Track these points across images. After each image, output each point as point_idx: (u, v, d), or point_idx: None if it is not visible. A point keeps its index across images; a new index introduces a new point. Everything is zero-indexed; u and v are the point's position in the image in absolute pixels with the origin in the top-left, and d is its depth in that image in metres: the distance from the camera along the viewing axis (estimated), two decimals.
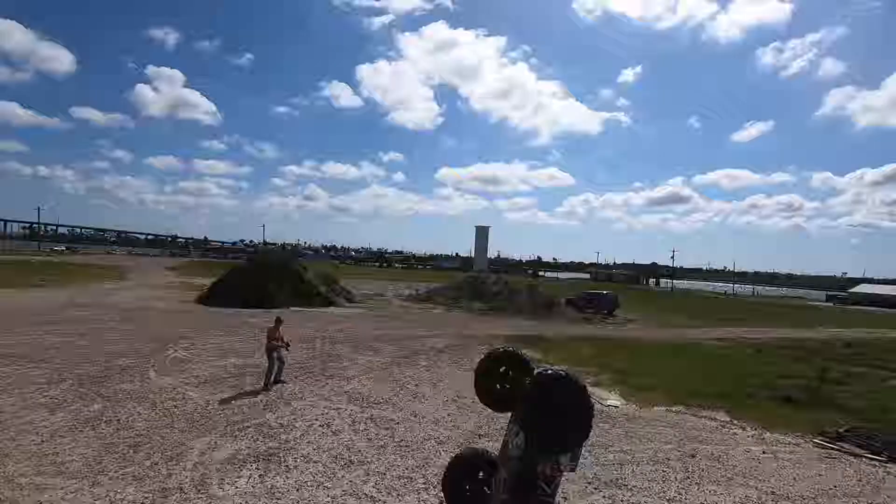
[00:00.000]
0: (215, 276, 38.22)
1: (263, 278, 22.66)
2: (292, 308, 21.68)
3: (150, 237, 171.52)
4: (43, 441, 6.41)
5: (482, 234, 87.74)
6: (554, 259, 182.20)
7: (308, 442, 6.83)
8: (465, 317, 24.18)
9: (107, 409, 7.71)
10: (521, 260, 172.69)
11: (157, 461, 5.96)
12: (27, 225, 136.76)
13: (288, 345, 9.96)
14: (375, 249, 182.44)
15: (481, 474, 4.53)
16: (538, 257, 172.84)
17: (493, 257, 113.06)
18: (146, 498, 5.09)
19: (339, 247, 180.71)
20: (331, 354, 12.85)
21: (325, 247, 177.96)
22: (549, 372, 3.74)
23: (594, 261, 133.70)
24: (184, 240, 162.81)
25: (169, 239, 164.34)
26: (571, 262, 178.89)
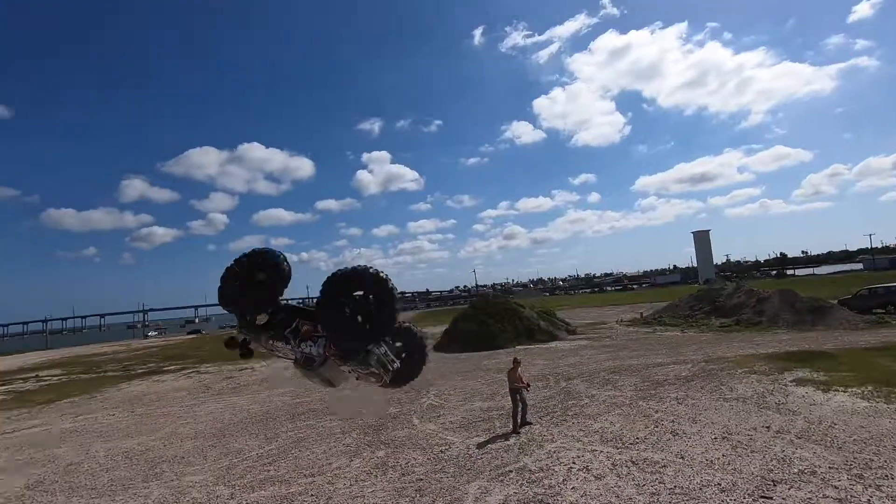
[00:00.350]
0: (443, 323, 42.07)
1: (486, 321, 23.94)
2: (517, 347, 22.30)
3: None
4: (352, 485, 7.67)
5: (702, 239, 78.33)
6: (804, 252, 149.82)
7: (573, 488, 6.69)
8: (704, 337, 21.40)
9: (390, 456, 8.88)
10: (757, 261, 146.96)
11: None
12: (300, 300, 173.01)
13: (528, 385, 10.16)
14: (583, 276, 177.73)
15: None
16: (781, 254, 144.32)
17: (719, 263, 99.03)
18: None
19: (546, 278, 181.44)
20: (568, 392, 12.64)
21: (532, 281, 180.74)
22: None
23: (864, 245, 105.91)
24: (410, 294, 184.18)
25: None
26: (829, 252, 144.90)
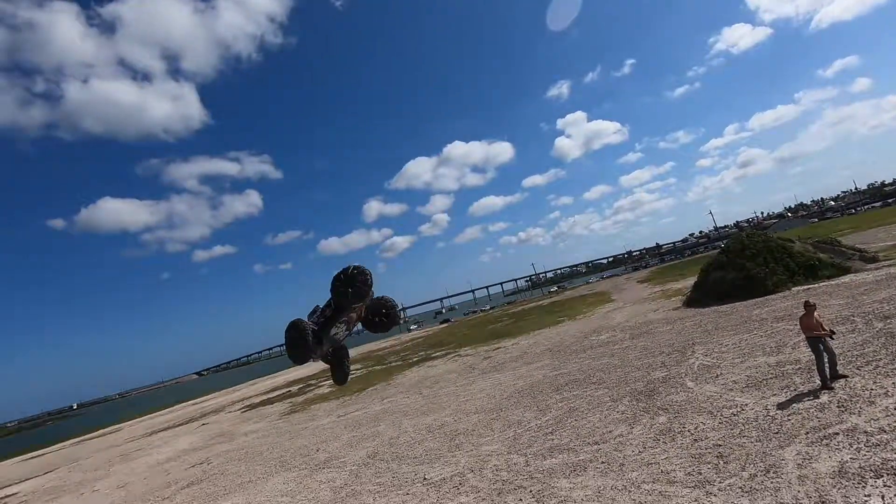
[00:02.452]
0: (685, 277, 38.17)
1: (745, 265, 20.72)
2: (794, 289, 18.74)
3: (609, 259, 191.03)
4: (641, 451, 7.55)
5: None
6: None
7: None
8: None
9: (673, 422, 8.44)
10: None
11: (754, 473, 5.92)
12: (528, 278, 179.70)
13: (832, 333, 8.39)
14: (865, 187, 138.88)
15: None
16: None
17: None
18: None
19: (808, 202, 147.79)
20: (891, 334, 10.01)
21: (789, 208, 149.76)
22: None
23: None
24: (638, 252, 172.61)
25: (625, 255, 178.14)
26: None
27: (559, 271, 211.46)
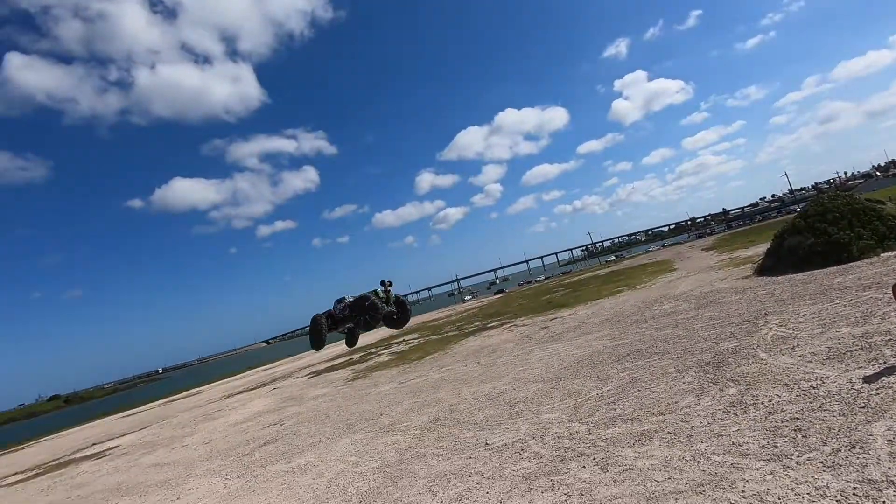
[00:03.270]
0: (755, 243, 35.95)
1: (826, 229, 19.20)
2: (883, 255, 17.24)
3: (671, 226, 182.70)
4: (710, 423, 7.34)
5: None
6: None
7: None
8: None
9: (744, 394, 8.11)
10: None
11: (836, 447, 5.62)
12: (584, 248, 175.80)
13: None
14: None
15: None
16: None
17: None
18: (854, 488, 4.80)
19: None
20: None
21: (877, 167, 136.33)
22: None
23: None
24: (702, 218, 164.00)
25: (688, 222, 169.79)
26: None
27: (617, 240, 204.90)
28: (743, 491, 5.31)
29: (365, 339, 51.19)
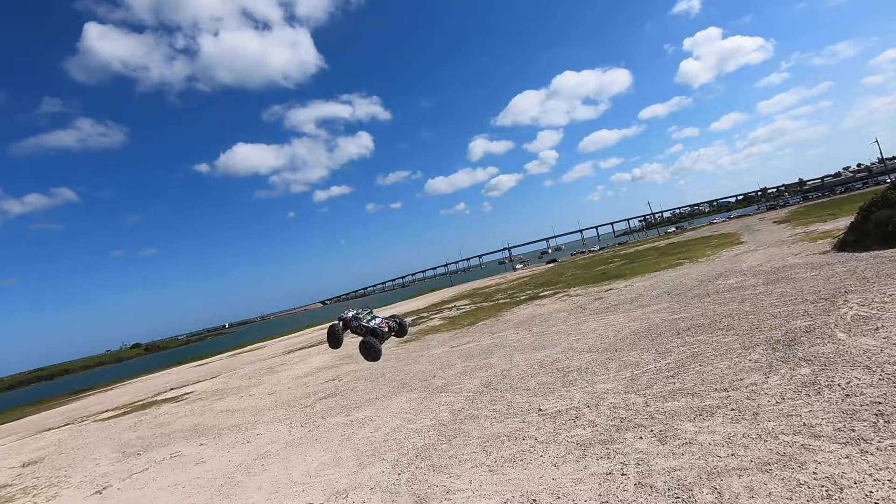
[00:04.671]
0: (835, 217, 33.25)
1: None
2: None
3: (739, 197, 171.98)
4: (779, 402, 7.04)
5: None
6: None
7: None
8: None
9: (818, 374, 7.70)
10: None
11: None
12: (642, 218, 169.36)
13: None
14: None
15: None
16: None
17: None
18: None
19: None
20: None
21: None
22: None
23: None
24: (775, 189, 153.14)
25: (758, 193, 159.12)
26: None
27: (678, 211, 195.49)
28: (815, 472, 5.11)
29: (415, 303, 52.35)
